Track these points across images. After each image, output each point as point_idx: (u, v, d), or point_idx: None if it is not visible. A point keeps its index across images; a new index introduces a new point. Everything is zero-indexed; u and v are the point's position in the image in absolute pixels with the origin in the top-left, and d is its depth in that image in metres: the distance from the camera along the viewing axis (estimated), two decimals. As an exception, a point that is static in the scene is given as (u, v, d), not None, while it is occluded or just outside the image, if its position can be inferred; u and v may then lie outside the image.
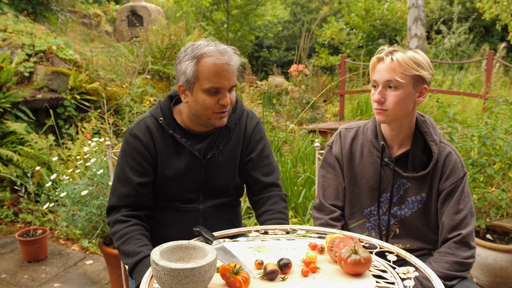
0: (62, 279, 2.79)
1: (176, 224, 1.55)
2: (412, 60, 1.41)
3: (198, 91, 1.41)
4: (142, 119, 1.54)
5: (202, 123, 1.48)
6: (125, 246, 1.43)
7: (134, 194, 1.48)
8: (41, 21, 7.05)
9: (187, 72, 1.40)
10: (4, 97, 3.94)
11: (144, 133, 1.50)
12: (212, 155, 1.54)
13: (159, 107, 1.54)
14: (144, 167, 1.49)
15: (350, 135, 1.64)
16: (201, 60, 1.38)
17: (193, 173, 1.53)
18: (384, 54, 1.45)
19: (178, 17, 12.20)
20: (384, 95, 1.45)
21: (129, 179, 1.48)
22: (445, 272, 1.42)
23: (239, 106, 1.63)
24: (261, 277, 1.13)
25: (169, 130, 1.50)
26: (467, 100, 6.91)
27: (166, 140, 1.51)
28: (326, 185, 1.66)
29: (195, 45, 1.42)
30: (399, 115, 1.46)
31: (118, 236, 1.46)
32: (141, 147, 1.49)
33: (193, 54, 1.40)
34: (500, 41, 12.18)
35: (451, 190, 1.50)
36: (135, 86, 4.89)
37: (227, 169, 1.58)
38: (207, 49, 1.39)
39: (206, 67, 1.38)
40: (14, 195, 3.71)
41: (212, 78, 1.38)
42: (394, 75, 1.41)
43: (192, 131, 1.53)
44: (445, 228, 1.49)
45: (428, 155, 1.52)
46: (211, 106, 1.41)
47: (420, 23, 7.78)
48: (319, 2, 17.40)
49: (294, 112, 6.69)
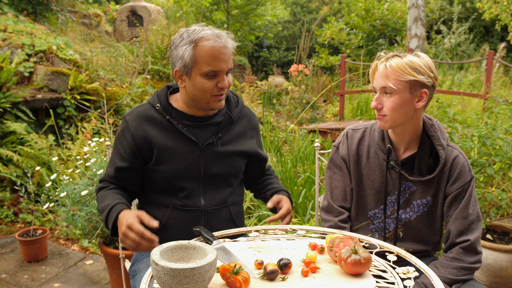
0: (62, 279, 2.79)
1: (178, 224, 1.54)
2: (408, 65, 1.39)
3: (197, 75, 1.41)
4: (138, 106, 1.56)
5: (200, 107, 1.49)
6: (101, 205, 1.47)
7: (114, 176, 1.53)
8: (41, 21, 7.05)
9: (184, 56, 1.40)
10: (4, 97, 3.94)
11: (134, 120, 1.51)
12: (211, 142, 1.54)
13: (156, 95, 1.55)
14: (126, 153, 1.51)
15: (357, 136, 1.62)
16: (199, 44, 1.39)
17: (190, 158, 1.52)
18: (381, 60, 1.45)
19: (178, 17, 12.20)
20: (381, 101, 1.45)
21: (114, 162, 1.54)
22: (452, 278, 1.43)
23: (240, 100, 1.66)
24: (261, 277, 1.13)
25: (166, 116, 1.50)
26: (467, 100, 6.91)
27: (162, 125, 1.51)
28: (334, 186, 1.65)
29: (191, 30, 1.42)
30: (399, 121, 1.45)
31: (98, 200, 1.51)
32: (128, 134, 1.50)
33: (190, 38, 1.40)
34: (500, 41, 12.18)
35: (458, 194, 1.49)
36: (135, 86, 4.89)
37: (228, 157, 1.58)
38: (204, 33, 1.40)
39: (204, 50, 1.38)
40: (14, 195, 3.71)
41: (210, 61, 1.39)
42: (388, 82, 1.40)
43: (189, 115, 1.53)
44: (452, 232, 1.48)
45: (435, 159, 1.50)
46: (210, 89, 1.42)
47: (420, 23, 7.78)
48: (319, 2, 17.40)
49: (294, 112, 6.69)
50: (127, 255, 2.06)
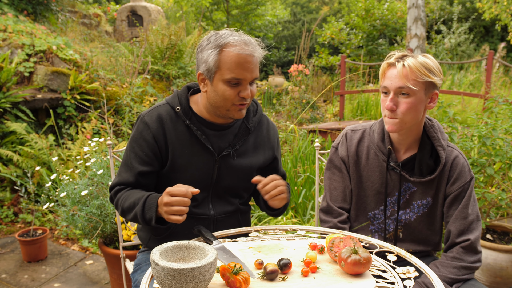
0: (62, 279, 2.79)
1: (186, 231, 1.49)
2: (424, 66, 1.38)
3: (219, 81, 1.37)
4: (156, 106, 1.49)
5: (220, 114, 1.43)
6: (128, 202, 1.40)
7: (134, 181, 1.46)
8: (41, 21, 7.05)
9: (208, 60, 1.36)
10: (4, 97, 3.94)
11: (154, 121, 1.45)
12: (227, 153, 1.49)
13: (176, 96, 1.49)
14: (148, 155, 1.45)
15: (356, 137, 1.61)
16: (225, 49, 1.34)
17: (205, 168, 1.48)
18: (394, 59, 1.42)
19: (178, 17, 12.20)
20: (396, 102, 1.41)
21: (132, 166, 1.46)
22: (452, 277, 1.43)
23: (259, 109, 1.60)
24: (261, 277, 1.13)
25: (186, 120, 1.45)
26: (467, 100, 6.90)
27: (180, 130, 1.46)
28: (333, 187, 1.64)
29: (219, 34, 1.37)
30: (410, 123, 1.44)
31: (120, 200, 1.44)
32: (149, 135, 1.44)
33: (216, 42, 1.35)
34: (500, 41, 12.18)
35: (458, 194, 1.49)
36: (135, 86, 4.89)
37: (242, 171, 1.52)
38: (232, 39, 1.35)
39: (229, 57, 1.34)
40: (14, 195, 3.71)
41: (234, 68, 1.34)
42: (407, 82, 1.38)
43: (208, 121, 1.48)
44: (453, 232, 1.48)
45: (435, 159, 1.50)
46: (231, 97, 1.37)
47: (420, 23, 7.78)
48: (319, 2, 17.40)
49: (294, 112, 6.69)
50: (127, 255, 2.06)
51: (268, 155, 1.59)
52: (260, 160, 1.57)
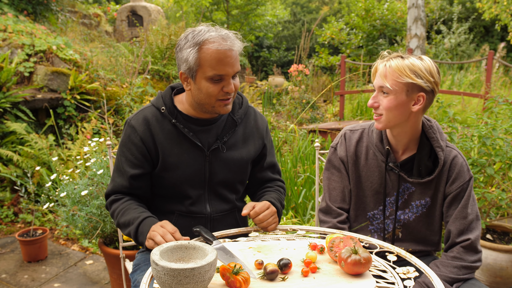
0: (62, 279, 2.79)
1: (183, 230, 1.49)
2: (408, 68, 1.38)
3: (201, 79, 1.37)
4: (142, 109, 1.51)
5: (206, 110, 1.45)
6: (124, 217, 1.42)
7: (128, 185, 1.48)
8: (41, 21, 7.05)
9: (189, 59, 1.35)
10: (4, 97, 3.94)
11: (141, 124, 1.47)
12: (216, 147, 1.50)
13: (160, 97, 1.51)
14: (138, 158, 1.47)
15: (355, 137, 1.61)
16: (203, 47, 1.33)
17: (196, 164, 1.49)
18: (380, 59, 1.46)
19: (178, 17, 12.20)
20: (378, 100, 1.45)
21: (124, 170, 1.48)
22: (453, 277, 1.43)
23: (244, 101, 1.60)
24: (261, 277, 1.13)
25: (172, 119, 1.46)
26: (467, 100, 6.91)
27: (167, 129, 1.47)
28: (332, 187, 1.64)
29: (196, 31, 1.37)
30: (394, 122, 1.44)
31: (116, 213, 1.46)
32: (136, 138, 1.46)
33: (194, 40, 1.35)
34: (500, 41, 12.17)
35: (457, 194, 1.49)
36: (135, 86, 4.89)
37: (233, 163, 1.53)
38: (209, 35, 1.34)
39: (209, 54, 1.33)
40: (14, 195, 3.71)
41: (215, 65, 1.33)
42: (385, 81, 1.41)
43: (194, 118, 1.49)
44: (453, 232, 1.48)
45: (434, 160, 1.50)
46: (215, 93, 1.37)
47: (420, 23, 7.79)
48: (319, 2, 17.40)
49: (294, 112, 6.69)
50: (127, 255, 2.06)
51: (258, 144, 1.60)
52: (251, 151, 1.57)
